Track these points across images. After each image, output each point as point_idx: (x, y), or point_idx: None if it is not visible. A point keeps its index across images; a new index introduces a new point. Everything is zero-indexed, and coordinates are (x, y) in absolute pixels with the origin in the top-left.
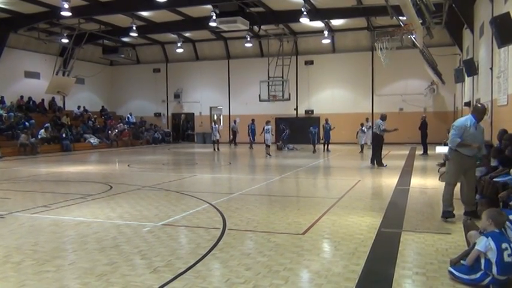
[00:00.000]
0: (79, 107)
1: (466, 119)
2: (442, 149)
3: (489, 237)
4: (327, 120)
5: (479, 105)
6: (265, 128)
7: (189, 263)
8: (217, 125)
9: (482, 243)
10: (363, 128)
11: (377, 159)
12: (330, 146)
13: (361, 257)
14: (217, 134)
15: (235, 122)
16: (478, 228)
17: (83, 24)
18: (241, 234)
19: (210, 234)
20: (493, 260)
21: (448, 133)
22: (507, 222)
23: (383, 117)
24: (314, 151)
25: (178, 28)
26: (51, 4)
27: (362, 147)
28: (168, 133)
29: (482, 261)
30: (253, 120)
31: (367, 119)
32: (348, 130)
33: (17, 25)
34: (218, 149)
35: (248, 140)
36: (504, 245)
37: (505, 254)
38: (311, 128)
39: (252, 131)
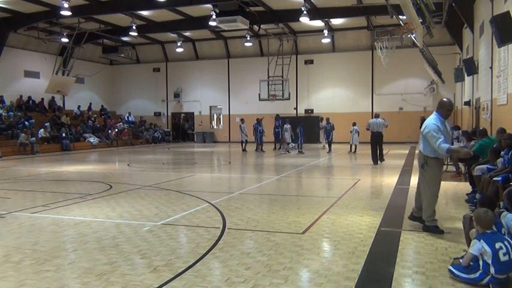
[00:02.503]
0: (79, 107)
1: (435, 120)
2: None
3: (481, 240)
4: (328, 120)
5: (444, 100)
6: (285, 126)
7: (189, 262)
8: (245, 125)
9: (475, 247)
10: (355, 128)
11: (377, 157)
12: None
13: (361, 256)
14: (245, 134)
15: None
16: None
17: (83, 24)
18: (241, 234)
19: (209, 234)
20: (489, 261)
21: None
22: (507, 222)
23: (379, 115)
24: (299, 152)
25: (178, 27)
26: (51, 3)
27: (354, 147)
28: (167, 132)
29: (481, 262)
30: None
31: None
32: (347, 129)
33: (17, 24)
34: (245, 149)
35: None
36: (498, 245)
37: (500, 253)
38: (299, 127)
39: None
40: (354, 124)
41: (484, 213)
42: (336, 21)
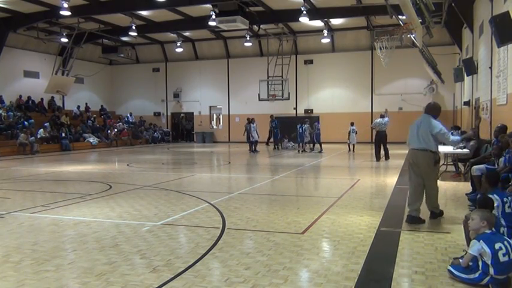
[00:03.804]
0: (79, 107)
1: (437, 120)
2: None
3: (481, 241)
4: (317, 120)
5: (435, 103)
6: (304, 126)
7: (189, 262)
8: (254, 124)
9: (475, 248)
10: (353, 127)
11: (380, 154)
12: (318, 147)
13: (361, 256)
14: (256, 134)
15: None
16: None
17: (83, 24)
18: (240, 234)
19: (209, 234)
20: (489, 262)
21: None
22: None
23: (384, 115)
24: (299, 151)
25: (178, 27)
26: (50, 3)
27: (352, 146)
28: (167, 132)
29: (480, 262)
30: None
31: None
32: (347, 130)
33: (17, 24)
34: (255, 150)
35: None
36: (498, 245)
37: (500, 254)
38: (298, 126)
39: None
40: (352, 124)
41: (491, 214)
42: (336, 21)
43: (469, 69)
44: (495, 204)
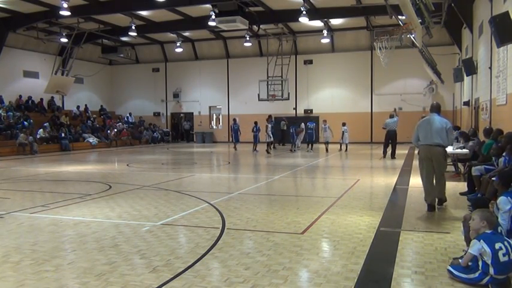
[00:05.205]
0: (78, 107)
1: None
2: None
3: (481, 240)
4: (311, 120)
5: (438, 103)
6: (320, 126)
7: (188, 262)
8: (271, 125)
9: (475, 247)
10: (345, 128)
11: (386, 151)
12: (313, 147)
13: (360, 256)
14: (271, 135)
15: (284, 120)
16: None
17: (82, 24)
18: (240, 234)
19: (209, 234)
20: (489, 262)
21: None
22: (499, 205)
23: (393, 115)
24: (292, 150)
25: (178, 28)
26: (50, 3)
27: (345, 146)
28: (167, 133)
29: (480, 262)
30: (235, 120)
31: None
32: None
33: (16, 24)
34: (274, 147)
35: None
36: (498, 245)
37: (500, 253)
38: (290, 127)
39: (234, 132)
40: (344, 124)
41: (491, 214)
42: (335, 22)
43: (469, 70)
44: (507, 207)
